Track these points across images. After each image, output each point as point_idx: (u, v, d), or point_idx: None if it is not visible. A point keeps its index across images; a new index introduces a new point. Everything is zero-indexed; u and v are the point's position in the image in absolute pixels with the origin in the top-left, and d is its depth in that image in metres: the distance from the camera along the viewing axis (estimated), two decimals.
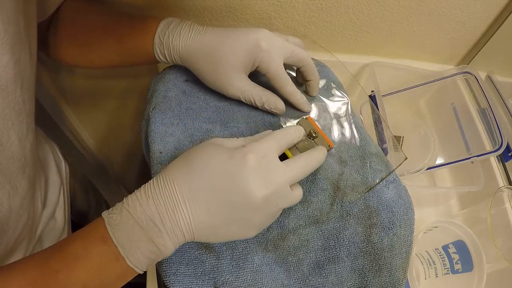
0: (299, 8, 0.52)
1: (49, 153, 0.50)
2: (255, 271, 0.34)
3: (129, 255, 0.27)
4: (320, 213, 0.37)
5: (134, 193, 0.29)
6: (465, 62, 0.64)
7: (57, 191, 0.49)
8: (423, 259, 0.52)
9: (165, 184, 0.28)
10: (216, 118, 0.42)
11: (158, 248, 0.27)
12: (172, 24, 0.40)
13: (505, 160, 0.53)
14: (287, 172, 0.30)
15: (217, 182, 0.28)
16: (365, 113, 0.60)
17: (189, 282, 0.33)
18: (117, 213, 0.27)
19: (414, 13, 0.54)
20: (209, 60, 0.39)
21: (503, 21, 0.54)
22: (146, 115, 0.43)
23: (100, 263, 0.26)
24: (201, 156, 0.30)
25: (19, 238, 0.38)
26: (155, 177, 0.30)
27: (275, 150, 0.31)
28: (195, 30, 0.40)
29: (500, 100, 0.58)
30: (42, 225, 0.45)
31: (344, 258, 0.35)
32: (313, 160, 0.33)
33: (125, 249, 0.26)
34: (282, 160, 0.31)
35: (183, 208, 0.28)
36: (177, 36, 0.39)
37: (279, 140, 0.32)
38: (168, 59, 0.41)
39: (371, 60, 0.61)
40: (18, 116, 0.33)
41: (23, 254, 0.40)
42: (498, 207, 0.48)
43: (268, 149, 0.30)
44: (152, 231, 0.27)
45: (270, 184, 0.29)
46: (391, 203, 0.38)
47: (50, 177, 0.49)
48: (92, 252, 0.26)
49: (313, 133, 0.37)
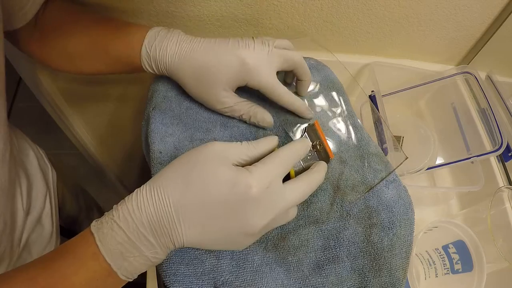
0: (299, 8, 0.52)
1: (34, 160, 0.50)
2: (255, 271, 0.34)
3: (121, 270, 0.26)
4: (320, 213, 0.37)
5: (125, 203, 0.27)
6: (465, 62, 0.64)
7: (42, 198, 0.49)
8: (423, 259, 0.52)
9: (160, 200, 0.27)
10: (216, 118, 0.42)
11: (150, 260, 0.27)
12: (159, 35, 0.39)
13: (505, 160, 0.53)
14: (288, 199, 0.30)
15: (216, 209, 0.28)
16: (365, 113, 0.60)
17: (189, 282, 0.33)
18: (107, 226, 0.26)
19: (414, 13, 0.54)
20: (196, 76, 0.39)
21: (503, 21, 0.54)
22: (146, 115, 0.43)
23: (92, 279, 0.26)
24: (200, 174, 0.28)
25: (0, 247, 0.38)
26: (148, 186, 0.28)
27: (281, 175, 0.30)
28: (182, 42, 0.39)
29: (500, 100, 0.58)
30: (27, 231, 0.45)
31: (344, 258, 0.35)
32: (314, 183, 0.32)
33: (117, 264, 0.26)
34: None
35: (177, 228, 0.27)
36: (164, 50, 0.38)
37: (286, 162, 0.31)
38: (156, 71, 0.41)
39: (371, 60, 0.61)
40: None
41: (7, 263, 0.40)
42: (498, 207, 0.48)
43: (273, 176, 0.29)
44: (145, 246, 0.27)
45: (270, 213, 0.29)
46: (391, 203, 0.38)
47: (34, 183, 0.48)
48: (83, 269, 0.26)
49: (318, 145, 0.37)
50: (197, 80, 0.39)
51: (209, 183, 0.28)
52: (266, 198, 0.28)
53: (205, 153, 0.29)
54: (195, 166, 0.28)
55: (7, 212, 0.39)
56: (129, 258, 0.26)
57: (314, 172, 0.33)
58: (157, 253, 0.27)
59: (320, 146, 0.37)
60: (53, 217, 0.51)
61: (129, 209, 0.27)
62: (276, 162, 0.30)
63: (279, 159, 0.31)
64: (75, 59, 0.44)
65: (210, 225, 0.28)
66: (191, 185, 0.27)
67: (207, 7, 0.52)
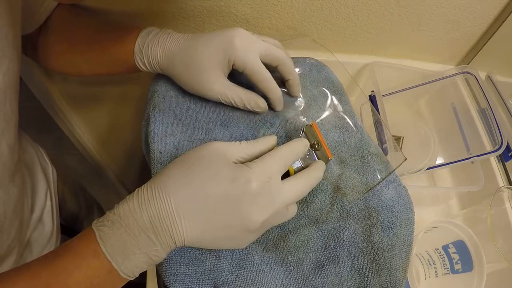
0: (299, 8, 0.52)
1: (35, 158, 0.50)
2: (255, 271, 0.34)
3: (122, 267, 0.26)
4: (320, 213, 0.37)
5: (127, 202, 0.28)
6: (465, 62, 0.64)
7: (43, 196, 0.49)
8: (423, 259, 0.52)
9: (161, 198, 0.27)
10: (216, 118, 0.42)
11: (151, 258, 0.28)
12: (151, 33, 0.40)
13: (505, 160, 0.53)
14: (287, 195, 0.30)
15: (217, 204, 0.28)
16: (365, 113, 0.60)
17: (189, 282, 0.33)
18: (108, 225, 0.27)
19: (414, 13, 0.54)
20: (186, 65, 0.39)
21: (503, 21, 0.55)
22: (146, 115, 0.43)
23: (93, 276, 0.26)
24: (201, 172, 0.28)
25: (12, 243, 0.39)
26: (149, 185, 0.28)
27: (280, 172, 0.31)
28: (173, 38, 0.40)
29: (500, 100, 0.58)
30: (30, 230, 0.46)
31: (344, 258, 0.35)
32: (313, 181, 0.33)
33: (118, 262, 0.26)
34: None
35: (178, 226, 0.27)
36: (156, 45, 0.39)
37: (284, 159, 0.32)
38: (149, 68, 0.41)
39: (371, 60, 0.61)
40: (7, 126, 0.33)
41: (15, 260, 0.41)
42: (498, 207, 0.48)
43: (272, 172, 0.30)
44: (146, 244, 0.27)
45: (270, 208, 0.29)
46: (391, 203, 0.38)
47: (37, 182, 0.49)
48: (84, 266, 0.26)
49: (316, 145, 0.37)
50: (187, 68, 0.39)
51: (209, 180, 0.28)
52: (266, 193, 0.29)
53: (205, 152, 0.30)
54: (196, 164, 0.29)
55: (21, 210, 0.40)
56: (130, 256, 0.26)
57: (312, 170, 0.34)
58: (158, 251, 0.27)
59: (318, 145, 0.37)
60: (53, 215, 0.51)
61: (130, 207, 0.27)
62: (275, 159, 0.31)
63: (278, 156, 0.31)
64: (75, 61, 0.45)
65: (210, 221, 0.28)
66: (191, 183, 0.28)
67: (207, 7, 0.52)
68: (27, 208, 0.44)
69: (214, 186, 0.28)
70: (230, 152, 0.30)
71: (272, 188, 0.29)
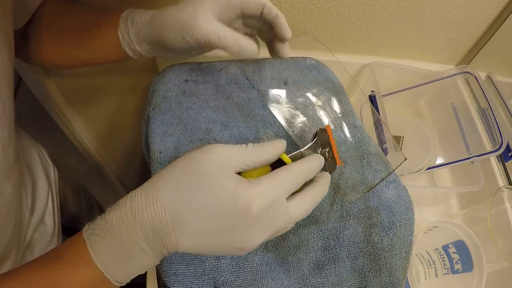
0: (299, 8, 0.52)
1: (36, 157, 0.50)
2: (255, 271, 0.34)
3: (114, 276, 0.26)
4: (320, 213, 0.37)
5: (119, 208, 0.26)
6: (465, 62, 0.64)
7: (45, 196, 0.49)
8: (423, 259, 0.52)
9: (155, 208, 0.26)
10: (216, 118, 0.42)
11: (143, 266, 0.27)
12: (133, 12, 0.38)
13: (505, 160, 0.53)
14: (292, 216, 0.28)
15: (214, 221, 0.26)
16: (365, 113, 0.60)
17: (189, 282, 0.33)
18: (99, 234, 0.26)
19: (414, 13, 0.54)
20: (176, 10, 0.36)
21: (503, 21, 0.55)
22: (146, 115, 0.43)
23: (85, 284, 0.26)
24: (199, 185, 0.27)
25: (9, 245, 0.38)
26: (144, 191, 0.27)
27: (288, 192, 0.28)
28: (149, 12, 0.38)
29: (500, 100, 0.58)
30: (31, 230, 0.45)
31: (344, 258, 0.35)
32: (319, 198, 0.30)
33: (110, 271, 0.26)
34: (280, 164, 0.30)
35: (173, 238, 0.26)
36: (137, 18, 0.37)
37: (296, 179, 0.29)
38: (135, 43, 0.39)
39: (371, 60, 0.61)
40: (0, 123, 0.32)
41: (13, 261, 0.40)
42: (498, 207, 0.48)
43: (279, 192, 0.27)
44: (139, 253, 0.26)
45: (270, 230, 0.27)
46: (391, 203, 0.38)
47: (38, 181, 0.48)
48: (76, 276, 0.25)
49: (326, 153, 0.34)
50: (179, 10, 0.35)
51: (208, 193, 0.26)
52: (267, 217, 0.27)
53: (205, 161, 0.28)
54: (195, 175, 0.27)
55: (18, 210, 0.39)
56: (122, 266, 0.26)
57: (319, 186, 0.31)
58: (150, 260, 0.27)
59: (328, 154, 0.35)
60: (55, 216, 0.51)
61: (122, 215, 0.26)
62: (285, 179, 0.28)
63: (289, 175, 0.28)
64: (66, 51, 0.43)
65: (206, 237, 0.27)
66: (189, 195, 0.26)
67: None
68: (26, 208, 0.44)
69: (212, 200, 0.26)
70: (233, 160, 0.28)
71: (275, 211, 0.27)
